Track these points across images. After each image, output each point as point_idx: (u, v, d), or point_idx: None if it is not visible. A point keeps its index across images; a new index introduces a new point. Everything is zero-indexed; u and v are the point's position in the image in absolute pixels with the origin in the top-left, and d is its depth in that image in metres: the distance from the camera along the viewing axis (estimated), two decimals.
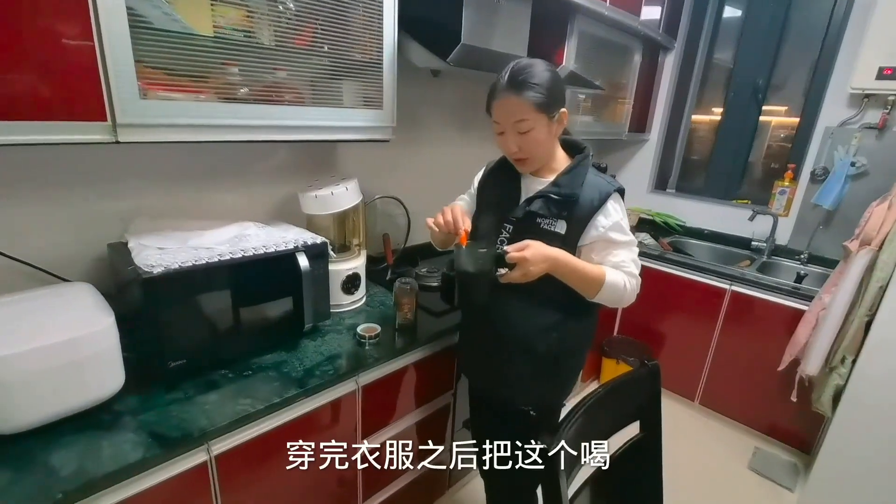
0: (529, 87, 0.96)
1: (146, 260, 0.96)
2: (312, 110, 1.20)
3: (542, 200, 1.05)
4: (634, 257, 1.07)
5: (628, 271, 1.05)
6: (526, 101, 0.97)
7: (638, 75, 2.49)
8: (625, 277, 1.04)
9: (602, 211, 1.03)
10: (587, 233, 1.04)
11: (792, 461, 2.09)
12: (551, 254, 0.97)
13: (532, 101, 0.97)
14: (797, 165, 2.38)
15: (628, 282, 1.04)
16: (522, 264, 0.95)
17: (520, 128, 1.00)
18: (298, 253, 1.15)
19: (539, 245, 0.97)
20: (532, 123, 0.99)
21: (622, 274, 1.04)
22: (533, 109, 0.97)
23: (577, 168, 1.06)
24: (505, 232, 1.10)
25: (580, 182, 1.04)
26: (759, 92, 2.59)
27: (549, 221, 1.05)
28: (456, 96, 1.93)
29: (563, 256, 0.99)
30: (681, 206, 2.80)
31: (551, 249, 0.98)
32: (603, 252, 1.05)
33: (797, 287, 2.01)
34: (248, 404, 0.98)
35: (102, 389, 0.91)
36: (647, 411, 0.91)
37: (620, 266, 1.04)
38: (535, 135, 1.01)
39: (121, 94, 0.86)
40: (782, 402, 1.99)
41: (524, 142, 1.02)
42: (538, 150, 1.04)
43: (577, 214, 1.03)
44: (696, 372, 2.31)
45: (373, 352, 1.22)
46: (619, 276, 1.04)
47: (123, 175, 1.19)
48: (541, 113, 0.98)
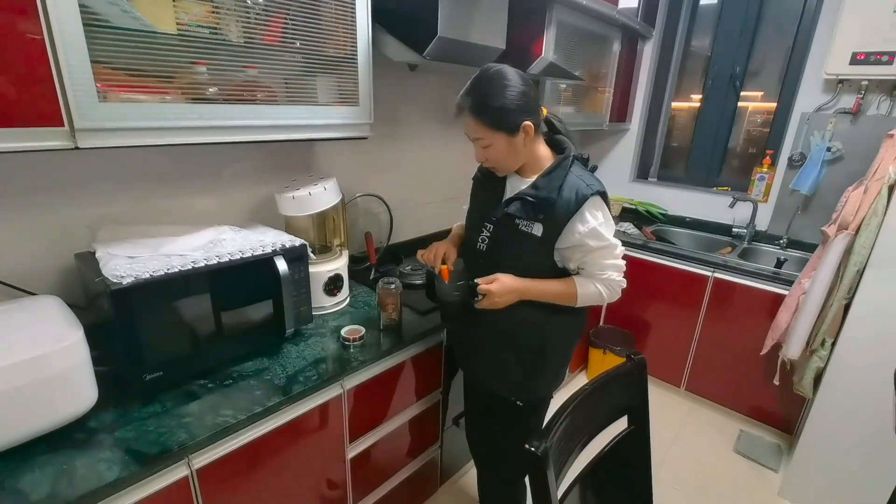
0: (483, 111, 0.98)
1: (115, 270, 0.92)
2: (286, 109, 1.16)
3: (519, 202, 1.05)
4: (615, 261, 1.07)
5: (605, 278, 1.06)
6: (478, 122, 0.99)
7: (617, 65, 2.49)
8: (599, 286, 1.07)
9: (579, 216, 1.02)
10: (565, 236, 1.04)
11: (776, 442, 2.14)
12: (518, 286, 1.05)
13: (484, 123, 0.99)
14: (775, 151, 2.41)
15: (604, 289, 1.07)
16: (490, 296, 1.03)
17: (480, 143, 1.04)
18: (276, 257, 1.12)
19: (506, 279, 1.05)
20: (489, 141, 1.01)
21: (596, 282, 1.07)
22: (487, 129, 1.00)
23: (555, 171, 1.05)
24: (485, 231, 1.11)
25: (558, 185, 1.02)
26: (736, 79, 2.61)
27: (526, 223, 1.05)
28: (434, 91, 1.90)
29: (529, 287, 1.06)
30: (662, 194, 2.82)
31: (518, 282, 1.05)
32: (580, 259, 1.07)
33: (777, 272, 2.05)
34: (229, 415, 0.95)
35: (74, 407, 0.88)
36: (635, 405, 0.91)
37: (596, 275, 1.06)
38: (496, 150, 1.03)
39: (77, 97, 0.82)
40: (765, 385, 2.03)
41: (488, 154, 1.05)
42: (504, 162, 1.06)
43: (553, 217, 1.02)
44: (682, 359, 2.34)
45: (358, 354, 1.20)
46: (591, 286, 1.07)
47: (90, 181, 1.14)
48: (496, 131, 1.00)
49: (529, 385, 1.19)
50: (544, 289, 1.07)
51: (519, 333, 1.13)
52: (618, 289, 1.09)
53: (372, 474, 1.38)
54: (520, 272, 1.06)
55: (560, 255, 1.08)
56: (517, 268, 1.06)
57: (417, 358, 1.37)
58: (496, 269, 1.06)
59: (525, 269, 1.06)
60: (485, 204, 1.14)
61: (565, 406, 0.78)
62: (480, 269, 1.09)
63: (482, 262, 1.11)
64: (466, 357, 1.28)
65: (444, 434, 1.61)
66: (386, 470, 1.43)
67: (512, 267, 1.06)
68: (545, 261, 1.08)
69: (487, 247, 1.11)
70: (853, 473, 1.67)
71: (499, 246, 1.10)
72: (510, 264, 1.07)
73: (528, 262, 1.07)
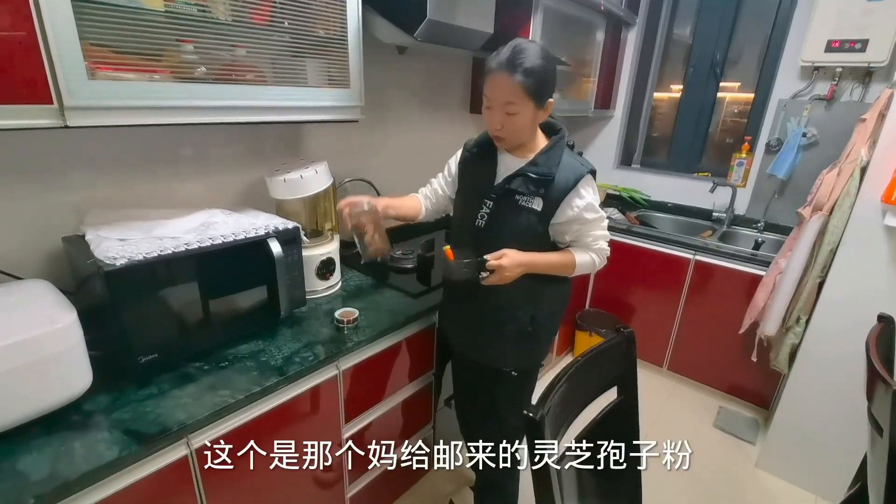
0: (525, 73, 0.98)
1: (107, 252, 0.91)
2: (275, 90, 1.15)
3: (521, 178, 1.09)
4: (604, 231, 1.15)
5: (598, 248, 1.15)
6: (519, 84, 0.99)
7: (602, 52, 2.51)
8: (593, 255, 1.15)
9: (576, 192, 1.08)
10: (562, 211, 1.09)
11: (753, 417, 2.23)
12: (524, 259, 1.07)
13: (524, 87, 0.99)
14: (753, 137, 2.48)
15: (597, 257, 1.15)
16: (499, 271, 1.05)
17: (507, 109, 1.03)
18: (270, 239, 1.12)
19: (514, 253, 1.06)
20: (519, 108, 1.02)
21: (591, 252, 1.15)
22: (523, 94, 1.00)
23: (553, 149, 1.11)
24: (485, 207, 1.14)
25: (556, 162, 1.08)
26: (716, 66, 2.66)
27: (527, 199, 1.09)
28: (423, 76, 1.90)
29: (534, 259, 1.09)
30: (646, 180, 2.88)
31: (525, 255, 1.08)
32: (576, 231, 1.13)
33: (755, 254, 2.12)
34: (227, 395, 0.96)
35: (69, 390, 0.87)
36: (624, 376, 0.95)
37: (590, 245, 1.15)
38: (520, 119, 1.04)
39: (67, 74, 0.80)
40: (743, 363, 2.11)
41: (508, 122, 1.05)
42: (518, 133, 1.08)
43: (552, 193, 1.07)
44: (664, 339, 2.41)
45: (352, 335, 1.21)
46: (587, 256, 1.15)
47: (76, 164, 1.12)
48: (530, 99, 1.01)
49: (525, 354, 1.24)
50: (547, 260, 1.11)
51: (515, 306, 1.17)
52: (605, 257, 1.18)
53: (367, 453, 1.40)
54: (517, 247, 1.08)
55: (554, 230, 1.12)
56: (514, 242, 1.08)
57: (411, 339, 1.39)
58: (495, 244, 1.08)
59: (522, 243, 1.09)
60: (480, 182, 1.16)
61: (559, 377, 0.81)
62: (477, 245, 1.11)
63: (479, 239, 1.13)
64: (462, 333, 1.31)
65: (437, 415, 1.64)
66: None
67: (509, 242, 1.09)
68: (542, 235, 1.12)
69: (486, 223, 1.13)
70: (826, 444, 1.76)
71: (499, 222, 1.12)
72: (508, 239, 1.09)
73: (526, 237, 1.10)
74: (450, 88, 2.06)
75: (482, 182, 1.16)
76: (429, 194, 1.35)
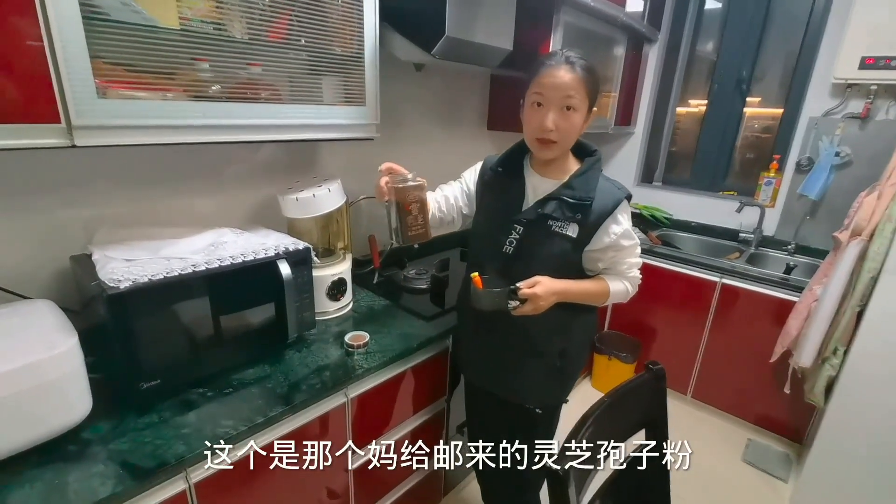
0: (584, 69, 0.96)
1: (111, 274, 0.88)
2: (291, 108, 1.13)
3: (555, 202, 1.02)
4: (638, 259, 1.10)
5: (632, 276, 1.10)
6: (581, 79, 0.95)
7: (623, 68, 2.46)
8: (627, 283, 1.10)
9: (613, 218, 1.02)
10: (598, 238, 1.03)
11: (785, 452, 2.10)
12: (559, 287, 1.01)
13: (586, 82, 0.96)
14: (782, 156, 2.38)
15: (630, 285, 1.10)
16: (534, 300, 0.97)
17: (567, 103, 0.96)
18: (280, 260, 1.08)
19: (548, 281, 1.00)
20: (578, 104, 0.97)
21: (625, 280, 1.09)
22: (584, 90, 0.96)
23: (590, 171, 1.05)
24: (514, 233, 1.06)
25: (594, 185, 1.03)
26: (742, 83, 2.58)
27: (561, 224, 1.02)
28: (440, 92, 1.87)
29: (569, 287, 1.03)
30: (667, 198, 2.79)
31: (559, 283, 1.01)
32: (611, 258, 1.07)
33: (787, 278, 2.01)
34: (229, 426, 0.91)
35: (67, 417, 0.84)
36: (654, 418, 0.88)
37: (624, 273, 1.09)
38: (577, 118, 0.98)
39: (75, 93, 0.78)
40: (774, 393, 1.99)
41: (563, 121, 0.97)
42: (569, 136, 1.01)
43: (589, 219, 1.01)
44: (688, 366, 2.30)
45: (362, 361, 1.16)
46: (621, 284, 1.09)
47: (87, 180, 1.10)
48: (587, 99, 0.98)
49: (551, 391, 1.17)
50: (582, 289, 1.05)
51: (543, 338, 1.10)
52: (637, 285, 1.12)
53: (375, 485, 1.34)
54: (548, 274, 1.02)
55: (587, 257, 1.06)
56: (545, 270, 1.02)
57: (424, 365, 1.33)
58: (524, 272, 1.01)
59: (553, 271, 1.02)
60: (507, 205, 1.09)
61: (583, 421, 0.75)
62: (505, 273, 1.04)
63: (508, 266, 1.06)
64: (480, 366, 1.23)
65: (450, 441, 1.57)
66: (389, 480, 1.39)
67: (540, 269, 1.02)
68: (574, 263, 1.05)
69: (516, 249, 1.05)
70: (867, 483, 1.63)
71: (529, 248, 1.05)
72: (539, 267, 1.02)
73: (558, 265, 1.03)
74: (467, 105, 2.03)
75: (509, 205, 1.08)
76: (439, 200, 1.21)
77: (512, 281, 1.00)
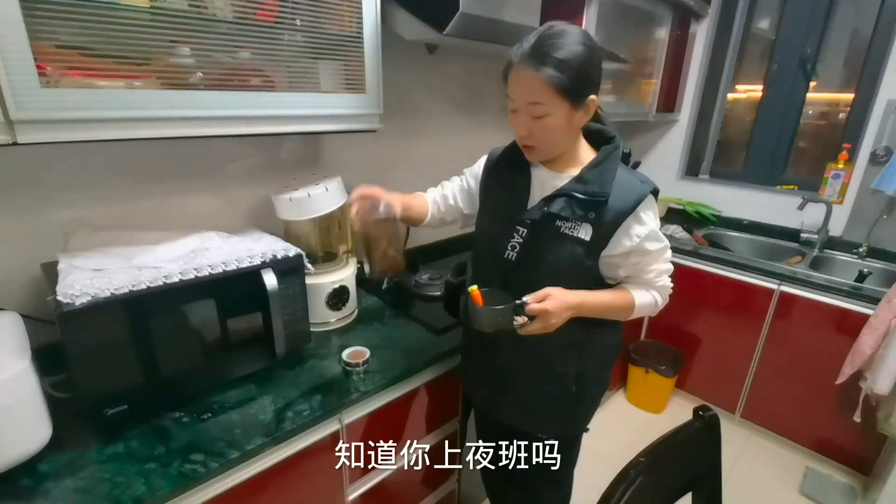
0: (553, 64, 0.77)
1: (70, 287, 0.78)
2: (282, 96, 1.00)
3: (564, 199, 0.86)
4: (668, 265, 0.94)
5: (660, 285, 0.94)
6: (545, 80, 0.78)
7: (667, 48, 2.21)
8: (655, 294, 0.92)
9: (635, 217, 0.86)
10: (617, 241, 0.87)
11: (848, 484, 1.84)
12: (574, 301, 0.86)
13: (553, 83, 0.78)
14: (853, 145, 2.08)
15: (659, 296, 0.94)
16: (544, 317, 0.83)
17: (534, 111, 0.82)
18: (264, 270, 0.96)
19: (560, 293, 0.85)
20: (548, 109, 0.81)
21: (652, 291, 0.92)
22: (553, 92, 0.79)
23: (605, 162, 0.88)
24: (517, 236, 0.91)
25: (610, 179, 0.86)
26: (806, 62, 2.28)
27: (572, 225, 0.87)
28: (457, 78, 1.70)
29: (587, 301, 0.88)
30: (716, 193, 2.52)
31: (574, 295, 0.86)
32: (634, 265, 0.90)
33: (859, 287, 1.74)
34: (199, 462, 0.80)
35: (20, 447, 0.75)
36: (703, 478, 0.70)
37: (652, 282, 0.93)
38: (551, 122, 0.82)
39: (12, 81, 0.67)
40: (837, 417, 1.75)
41: (537, 128, 0.84)
42: (551, 140, 0.86)
43: (605, 218, 0.85)
44: (738, 382, 2.06)
45: (360, 383, 1.03)
46: (648, 295, 0.92)
47: (68, 178, 1.01)
48: (562, 98, 0.80)
49: (567, 419, 1.03)
50: (601, 301, 0.90)
51: (556, 359, 0.95)
52: (668, 295, 0.96)
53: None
54: (558, 286, 0.86)
55: (604, 264, 0.90)
56: (554, 280, 0.86)
57: (433, 384, 1.19)
58: (529, 283, 0.87)
59: (564, 281, 0.87)
60: (510, 203, 0.94)
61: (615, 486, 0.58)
62: (507, 284, 0.90)
63: (509, 276, 0.92)
64: (484, 391, 1.08)
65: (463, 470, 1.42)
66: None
67: (548, 279, 0.87)
68: (589, 270, 0.89)
69: (519, 255, 0.91)
70: None
71: (534, 254, 0.90)
72: (546, 276, 0.87)
73: (570, 273, 0.88)
74: (489, 91, 1.84)
75: (512, 204, 0.93)
76: (438, 199, 1.09)
77: (516, 293, 0.85)
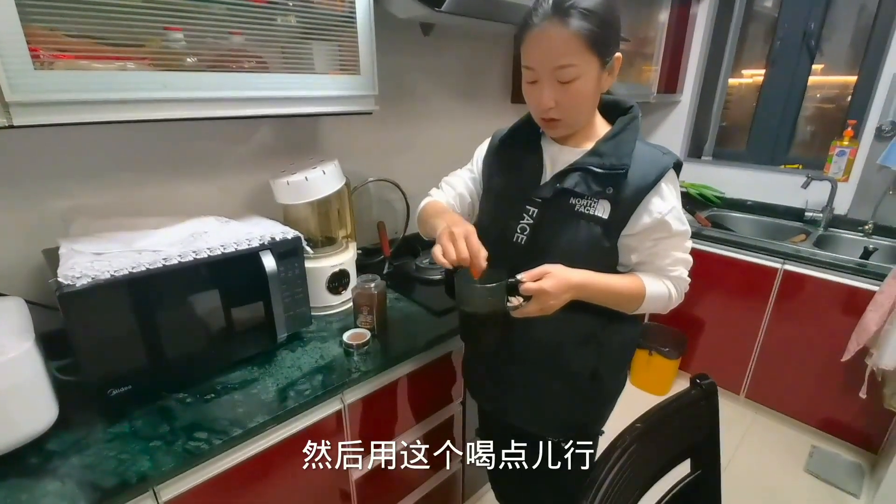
0: (581, 15, 0.69)
1: (70, 270, 0.79)
2: (278, 78, 0.99)
3: (579, 174, 0.79)
4: (686, 255, 0.86)
5: (677, 275, 0.85)
6: (575, 35, 0.70)
7: (667, 27, 2.18)
8: (670, 286, 0.84)
9: (657, 191, 0.78)
10: (637, 218, 0.79)
11: (855, 462, 1.84)
12: (575, 280, 0.77)
13: (584, 36, 0.70)
14: (858, 121, 2.05)
15: (674, 289, 0.85)
16: (541, 297, 0.75)
17: (562, 75, 0.73)
18: (263, 252, 0.97)
19: (560, 271, 0.77)
20: (579, 70, 0.73)
21: (667, 282, 0.84)
22: (584, 48, 0.71)
23: (623, 133, 0.81)
24: (527, 216, 0.84)
25: (629, 151, 0.78)
26: (810, 38, 2.24)
27: (588, 202, 0.80)
28: (454, 60, 1.68)
29: (591, 281, 0.79)
30: (719, 174, 2.50)
31: (577, 274, 0.78)
32: (649, 249, 0.82)
33: (864, 264, 1.72)
34: (203, 440, 0.81)
35: (26, 427, 0.76)
36: (702, 445, 0.70)
37: (667, 270, 0.84)
38: (581, 86, 0.74)
39: (7, 64, 0.68)
40: (843, 395, 1.74)
41: (565, 95, 0.75)
42: (580, 109, 0.79)
43: (625, 193, 0.78)
44: (742, 362, 2.05)
45: (360, 363, 1.04)
46: (661, 285, 0.84)
47: (68, 164, 1.02)
48: (593, 54, 0.72)
49: (580, 419, 0.95)
50: (606, 284, 0.81)
51: (568, 352, 0.87)
52: (683, 291, 0.88)
53: (382, 496, 1.23)
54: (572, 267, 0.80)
55: (621, 246, 0.82)
56: (571, 264, 0.80)
57: (433, 365, 1.19)
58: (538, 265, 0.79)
59: (581, 265, 0.80)
60: (519, 182, 0.87)
61: (610, 451, 0.59)
62: (515, 270, 0.79)
63: (519, 261, 0.81)
64: (487, 385, 1.02)
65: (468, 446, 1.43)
66: (398, 489, 1.27)
67: (563, 264, 0.80)
68: (608, 254, 0.82)
69: (529, 239, 0.84)
70: None
71: (546, 235, 0.82)
72: (559, 260, 0.80)
73: (588, 257, 0.80)
74: (488, 74, 1.83)
75: (522, 182, 0.86)
76: (453, 202, 1.01)
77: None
